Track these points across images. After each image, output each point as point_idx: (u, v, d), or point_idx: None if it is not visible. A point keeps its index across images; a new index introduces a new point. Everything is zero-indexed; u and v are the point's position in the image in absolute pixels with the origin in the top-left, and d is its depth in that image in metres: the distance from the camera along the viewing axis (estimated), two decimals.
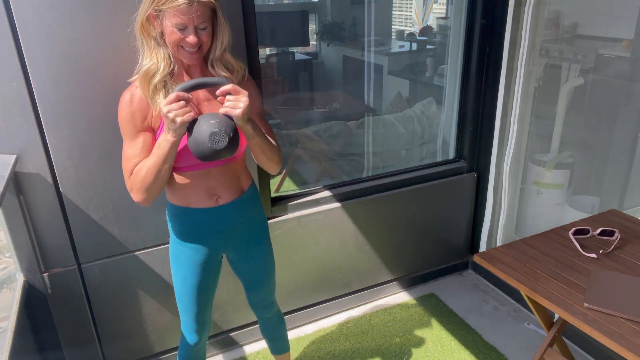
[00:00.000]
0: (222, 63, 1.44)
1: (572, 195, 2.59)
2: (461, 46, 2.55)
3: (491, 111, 2.53)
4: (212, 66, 1.44)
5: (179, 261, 1.57)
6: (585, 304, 1.36)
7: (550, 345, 1.74)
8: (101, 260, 1.91)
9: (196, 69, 1.44)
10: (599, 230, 1.72)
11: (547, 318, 1.75)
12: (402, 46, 4.14)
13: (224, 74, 1.44)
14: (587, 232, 1.73)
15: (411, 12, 4.58)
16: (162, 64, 1.36)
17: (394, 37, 4.28)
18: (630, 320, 1.30)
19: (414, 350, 2.31)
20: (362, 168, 3.09)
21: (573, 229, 1.73)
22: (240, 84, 1.48)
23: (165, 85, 1.38)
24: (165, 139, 1.31)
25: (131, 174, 1.40)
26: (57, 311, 1.90)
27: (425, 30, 4.05)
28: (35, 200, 1.73)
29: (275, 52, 4.00)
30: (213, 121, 1.27)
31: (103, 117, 1.72)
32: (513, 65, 2.37)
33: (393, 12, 4.37)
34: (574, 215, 2.39)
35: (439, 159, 2.86)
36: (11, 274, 1.88)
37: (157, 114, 1.38)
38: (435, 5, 4.25)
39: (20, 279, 1.79)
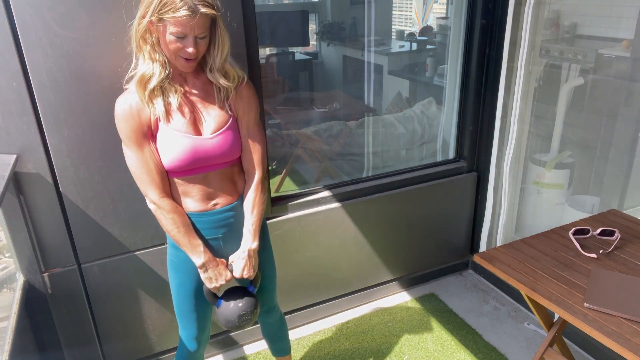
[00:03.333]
0: (221, 71, 1.44)
1: (572, 195, 2.59)
2: (461, 46, 2.55)
3: (491, 111, 2.53)
4: (211, 71, 1.43)
5: (176, 267, 1.56)
6: (585, 304, 1.36)
7: (550, 345, 1.74)
8: (101, 260, 1.91)
9: (191, 73, 1.45)
10: (599, 230, 1.72)
11: (547, 318, 1.75)
12: (402, 46, 4.15)
13: (222, 81, 1.43)
14: (587, 232, 1.72)
15: (411, 12, 4.58)
16: (158, 69, 1.35)
17: (394, 37, 4.29)
18: (630, 320, 1.30)
19: (414, 350, 2.31)
20: (362, 168, 3.09)
21: (573, 229, 1.73)
22: (239, 88, 1.49)
23: (162, 90, 1.38)
24: (192, 258, 1.49)
25: (146, 181, 1.43)
26: (57, 311, 1.90)
27: (425, 30, 4.05)
28: (35, 200, 1.73)
29: (275, 52, 4.00)
30: (241, 304, 1.51)
31: (103, 117, 1.72)
32: (513, 65, 2.37)
33: (393, 12, 4.37)
34: (574, 215, 2.39)
35: (439, 159, 2.86)
36: (11, 274, 1.88)
37: (155, 119, 1.39)
38: (435, 5, 4.25)
39: (20, 279, 1.79)
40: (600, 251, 1.63)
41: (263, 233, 1.65)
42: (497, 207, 2.66)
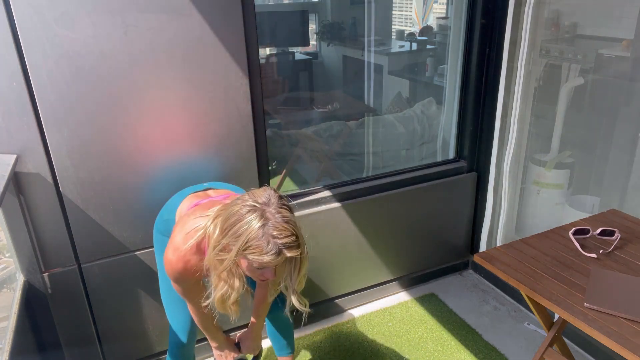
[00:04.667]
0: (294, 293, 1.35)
1: (572, 195, 2.59)
2: (461, 46, 2.55)
3: (491, 111, 2.53)
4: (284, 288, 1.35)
5: None
6: (585, 304, 1.36)
7: (550, 345, 1.74)
8: (101, 260, 1.91)
9: None
10: (599, 230, 1.72)
11: (547, 318, 1.74)
12: (402, 46, 4.14)
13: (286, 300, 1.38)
14: (587, 232, 1.72)
15: (411, 12, 4.58)
16: (235, 293, 1.32)
17: (394, 37, 4.28)
18: (630, 320, 1.30)
19: (414, 350, 2.31)
20: (362, 168, 3.09)
21: (573, 229, 1.73)
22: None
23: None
24: (210, 341, 1.69)
25: (191, 302, 1.54)
26: (57, 311, 1.90)
27: (425, 30, 4.05)
28: (35, 200, 1.73)
29: (275, 52, 3.99)
30: None
31: (103, 117, 1.72)
32: (513, 65, 2.37)
33: (393, 12, 4.37)
34: (574, 215, 2.39)
35: (439, 159, 2.86)
36: (11, 274, 1.88)
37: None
38: (435, 5, 4.25)
39: (20, 279, 1.79)
40: (600, 251, 1.63)
41: None
42: (497, 207, 2.66)
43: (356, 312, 2.59)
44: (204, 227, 1.33)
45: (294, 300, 1.35)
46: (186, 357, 1.76)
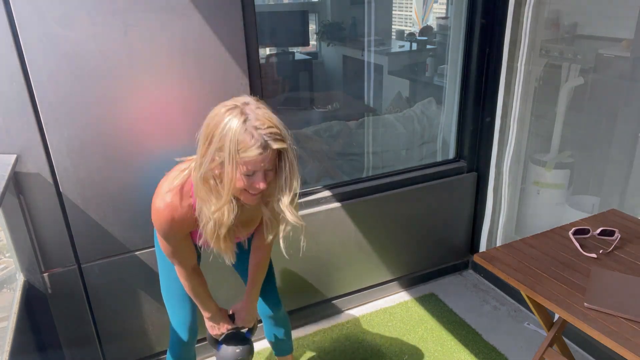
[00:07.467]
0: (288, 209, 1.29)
1: (572, 195, 2.59)
2: (461, 46, 2.55)
3: (491, 111, 2.53)
4: (272, 206, 1.32)
5: None
6: (585, 304, 1.36)
7: (550, 345, 1.74)
8: (101, 260, 1.91)
9: None
10: (599, 230, 1.72)
11: (547, 318, 1.74)
12: (402, 46, 4.14)
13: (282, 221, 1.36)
14: (587, 232, 1.72)
15: (411, 12, 4.58)
16: (227, 216, 1.26)
17: (394, 37, 4.28)
18: (630, 320, 1.30)
19: (414, 350, 2.31)
20: (362, 168, 3.08)
21: (573, 229, 1.73)
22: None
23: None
24: (202, 311, 1.61)
25: (177, 262, 1.47)
26: (57, 311, 1.90)
27: (425, 30, 4.05)
28: (35, 200, 1.73)
29: (275, 52, 3.99)
30: (238, 350, 1.61)
31: (103, 117, 1.72)
32: (513, 65, 2.37)
33: (393, 12, 4.37)
34: (574, 215, 2.39)
35: (439, 158, 2.86)
36: (11, 274, 1.88)
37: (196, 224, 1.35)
38: (435, 5, 4.25)
39: (20, 279, 1.79)
40: (600, 251, 1.63)
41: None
42: (497, 207, 2.66)
43: (356, 312, 2.59)
44: (188, 167, 1.33)
45: (287, 214, 1.28)
46: (187, 357, 1.75)
